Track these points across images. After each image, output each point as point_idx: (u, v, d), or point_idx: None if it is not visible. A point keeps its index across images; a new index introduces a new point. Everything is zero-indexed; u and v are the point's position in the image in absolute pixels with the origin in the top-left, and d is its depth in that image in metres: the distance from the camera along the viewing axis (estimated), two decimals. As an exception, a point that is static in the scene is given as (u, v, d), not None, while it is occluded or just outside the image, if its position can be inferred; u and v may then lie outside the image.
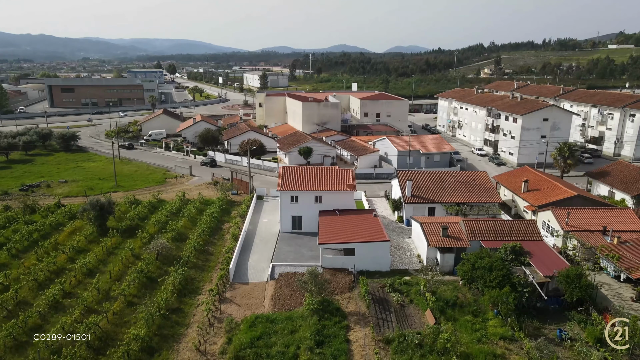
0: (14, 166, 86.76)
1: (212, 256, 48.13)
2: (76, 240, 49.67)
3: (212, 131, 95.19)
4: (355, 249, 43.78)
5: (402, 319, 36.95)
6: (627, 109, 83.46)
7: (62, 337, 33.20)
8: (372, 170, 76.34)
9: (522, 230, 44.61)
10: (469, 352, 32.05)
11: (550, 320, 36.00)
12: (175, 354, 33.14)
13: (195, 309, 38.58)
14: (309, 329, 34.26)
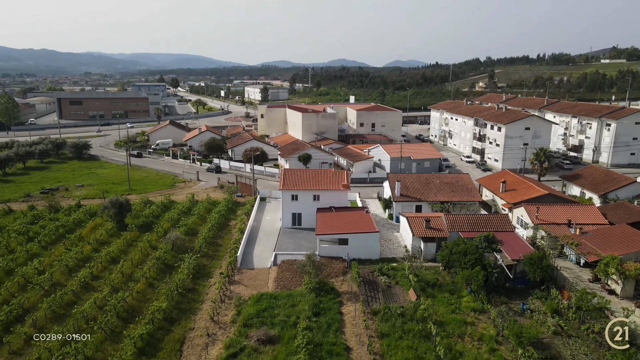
0: (32, 172, 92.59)
1: (221, 247, 53.79)
2: (99, 234, 55.40)
3: (217, 140, 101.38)
4: (348, 239, 49.47)
5: (388, 296, 42.48)
6: (603, 119, 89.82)
7: (96, 310, 38.87)
8: (366, 175, 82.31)
9: (496, 222, 50.39)
10: (443, 320, 37.58)
11: (516, 297, 41.59)
12: (193, 322, 38.66)
13: (208, 289, 44.16)
14: (307, 303, 39.75)
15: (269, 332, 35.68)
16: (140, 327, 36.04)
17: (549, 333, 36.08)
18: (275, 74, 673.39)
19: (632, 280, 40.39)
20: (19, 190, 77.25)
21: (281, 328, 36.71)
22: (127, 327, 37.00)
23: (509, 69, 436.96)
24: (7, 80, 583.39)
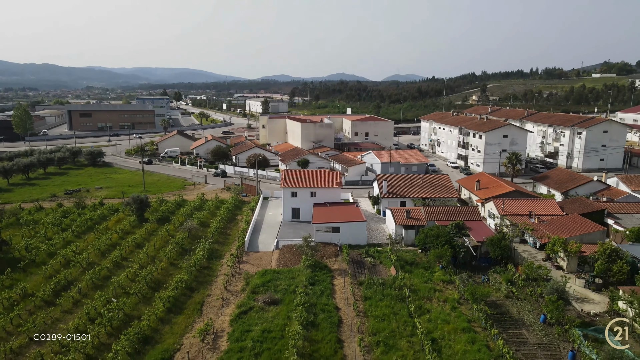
0: (52, 177, 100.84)
1: (230, 236, 61.89)
2: (123, 225, 63.54)
3: (222, 148, 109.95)
4: (340, 227, 57.64)
5: (373, 272, 50.50)
6: (575, 127, 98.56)
7: (128, 281, 46.90)
8: (359, 178, 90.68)
9: (467, 213, 58.65)
10: (416, 287, 45.59)
11: (479, 272, 49.67)
12: (209, 290, 46.65)
13: (221, 267, 52.18)
14: (305, 276, 47.73)
15: (273, 296, 43.68)
16: (167, 292, 44.09)
17: (502, 296, 44.14)
18: (275, 88, 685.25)
19: (575, 257, 48.50)
20: (44, 192, 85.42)
21: (283, 294, 44.66)
22: (155, 294, 44.95)
23: (503, 83, 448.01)
24: (10, 94, 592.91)
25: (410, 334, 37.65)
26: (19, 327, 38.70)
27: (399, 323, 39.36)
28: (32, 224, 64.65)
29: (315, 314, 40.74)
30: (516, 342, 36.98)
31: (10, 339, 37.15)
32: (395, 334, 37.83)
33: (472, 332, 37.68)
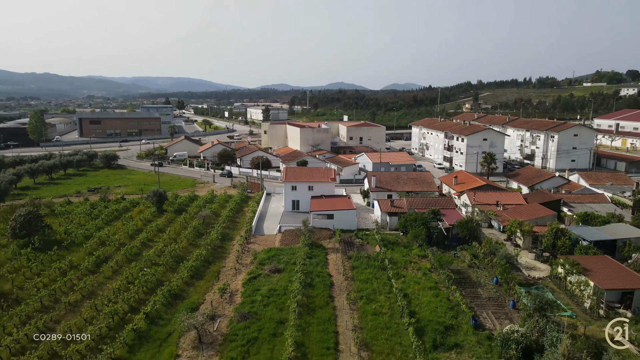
0: (73, 177, 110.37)
1: (239, 223, 71.38)
2: (145, 215, 73.02)
3: (228, 151, 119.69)
4: (334, 214, 67.14)
5: (361, 250, 59.88)
6: (548, 132, 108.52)
7: (155, 256, 56.32)
8: (352, 177, 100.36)
9: (443, 203, 68.29)
10: (396, 260, 55.01)
11: (450, 250, 59.11)
12: (224, 263, 56.05)
13: (232, 246, 61.61)
14: (303, 252, 57.11)
15: (277, 266, 53.12)
16: (189, 262, 53.56)
17: (465, 266, 53.63)
18: (274, 97, 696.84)
19: (528, 235, 58.10)
20: (68, 190, 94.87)
21: (285, 265, 54.07)
22: (180, 265, 54.36)
23: (497, 92, 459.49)
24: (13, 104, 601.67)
25: (388, 292, 47.04)
26: (74, 287, 48.14)
27: (379, 284, 48.79)
28: (66, 214, 74.14)
29: (312, 279, 50.15)
30: (471, 296, 46.44)
31: (68, 295, 46.53)
32: (376, 291, 47.25)
33: (437, 290, 47.13)
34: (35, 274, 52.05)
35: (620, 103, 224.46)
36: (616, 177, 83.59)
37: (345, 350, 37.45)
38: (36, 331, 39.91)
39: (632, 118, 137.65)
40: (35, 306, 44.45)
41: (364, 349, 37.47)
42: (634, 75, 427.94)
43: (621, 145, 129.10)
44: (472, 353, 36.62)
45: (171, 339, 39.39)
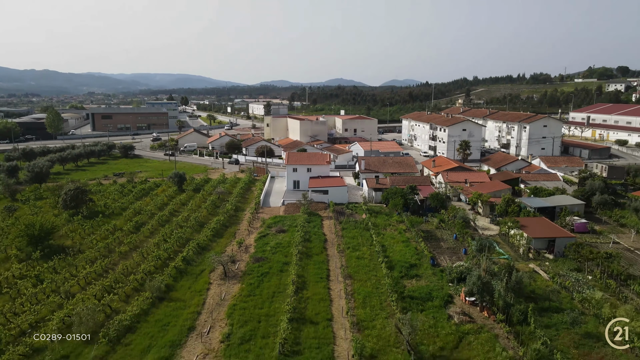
0: (96, 165, 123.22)
1: (248, 199, 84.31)
2: (168, 192, 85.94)
3: (235, 141, 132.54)
4: (328, 190, 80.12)
5: (350, 217, 72.99)
6: (521, 123, 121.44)
7: (183, 221, 69.29)
8: (346, 163, 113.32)
9: (420, 180, 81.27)
10: (378, 224, 68.00)
11: (424, 217, 72.10)
12: (238, 227, 69.01)
13: (244, 215, 74.54)
14: (303, 218, 69.98)
15: (282, 228, 66.11)
16: (211, 224, 66.59)
17: (433, 227, 66.63)
18: (274, 93, 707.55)
19: (487, 205, 71.09)
20: (95, 174, 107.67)
21: (288, 227, 67.04)
22: (203, 227, 67.34)
23: (492, 88, 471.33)
24: (15, 100, 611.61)
25: (370, 245, 59.97)
26: (122, 242, 61.18)
27: (363, 240, 61.78)
28: (100, 192, 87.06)
29: (310, 236, 63.17)
30: (435, 247, 59.46)
31: (118, 248, 59.53)
32: (360, 244, 60.22)
33: (408, 243, 60.14)
34: (87, 234, 65.04)
35: (602, 98, 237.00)
36: (571, 160, 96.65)
37: (334, 279, 50.49)
38: (101, 270, 53.00)
39: (601, 111, 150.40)
40: (94, 255, 57.38)
41: (348, 278, 50.48)
42: (624, 71, 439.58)
43: (591, 135, 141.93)
44: (428, 280, 49.61)
45: (203, 274, 52.38)
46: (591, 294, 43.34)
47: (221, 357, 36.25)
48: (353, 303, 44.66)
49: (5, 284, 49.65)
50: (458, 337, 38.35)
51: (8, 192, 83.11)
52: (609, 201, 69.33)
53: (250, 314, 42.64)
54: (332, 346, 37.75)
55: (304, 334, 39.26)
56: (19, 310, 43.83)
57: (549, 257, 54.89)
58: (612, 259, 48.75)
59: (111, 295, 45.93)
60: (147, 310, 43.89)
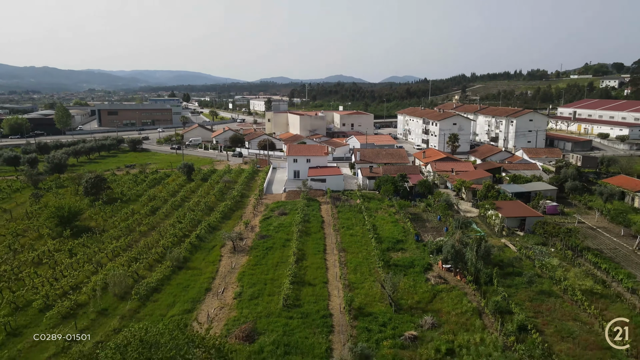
0: (107, 158, 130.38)
1: (252, 187, 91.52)
2: (178, 181, 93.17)
3: (238, 135, 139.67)
4: (326, 179, 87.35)
5: (345, 202, 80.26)
6: (509, 117, 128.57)
7: (193, 206, 76.56)
8: (343, 155, 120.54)
9: (410, 169, 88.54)
10: (370, 207, 75.26)
11: (413, 203, 79.37)
12: (244, 210, 76.30)
13: (249, 201, 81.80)
14: (302, 203, 77.17)
15: (284, 211, 73.37)
16: (220, 208, 73.85)
17: (420, 210, 73.89)
18: (274, 90, 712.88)
19: (469, 191, 78.34)
20: (108, 166, 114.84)
21: (289, 211, 74.28)
22: (213, 210, 74.59)
23: (489, 84, 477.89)
24: (16, 97, 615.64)
25: (362, 225, 67.15)
26: (141, 223, 68.48)
27: (357, 221, 69.01)
28: (116, 181, 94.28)
29: (309, 218, 70.40)
30: (420, 227, 66.68)
31: (138, 228, 66.80)
32: (354, 224, 67.42)
33: (396, 223, 67.39)
34: (109, 217, 72.29)
35: (593, 94, 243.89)
36: (551, 151, 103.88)
37: (330, 252, 57.79)
38: (125, 245, 60.32)
39: (587, 107, 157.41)
40: (118, 234, 64.61)
41: (342, 251, 57.73)
42: (619, 68, 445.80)
43: (577, 129, 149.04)
44: (412, 253, 56.86)
45: (215, 249, 59.64)
46: (549, 261, 50.64)
47: (234, 309, 43.58)
48: (346, 270, 51.94)
49: (44, 256, 56.95)
50: (433, 294, 45.68)
51: (31, 181, 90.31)
52: (580, 187, 76.60)
53: (257, 278, 49.97)
54: (327, 301, 45.06)
55: (303, 293, 46.57)
56: (59, 277, 51.13)
57: (519, 234, 62.21)
58: (571, 233, 56.01)
59: (137, 264, 53.29)
60: (169, 276, 51.23)
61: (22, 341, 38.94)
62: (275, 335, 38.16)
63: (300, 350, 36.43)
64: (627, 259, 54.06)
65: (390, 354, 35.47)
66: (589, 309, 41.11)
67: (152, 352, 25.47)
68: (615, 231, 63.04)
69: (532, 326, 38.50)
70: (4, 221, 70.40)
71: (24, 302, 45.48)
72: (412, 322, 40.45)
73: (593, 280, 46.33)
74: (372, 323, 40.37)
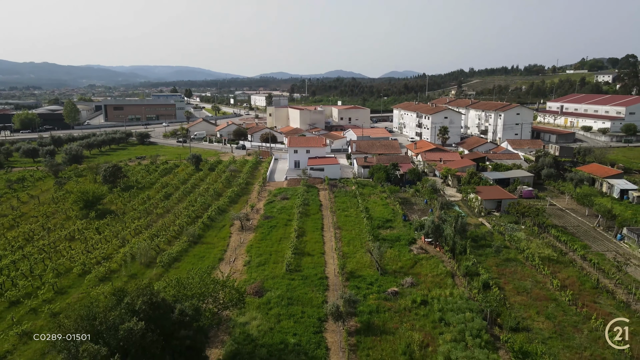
0: (117, 151, 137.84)
1: (256, 176, 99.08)
2: (187, 171, 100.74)
3: (241, 129, 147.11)
4: (324, 168, 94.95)
5: (342, 189, 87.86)
6: (497, 111, 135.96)
7: (202, 193, 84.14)
8: (341, 147, 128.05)
9: (401, 159, 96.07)
10: (364, 193, 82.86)
11: (403, 189, 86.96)
12: (249, 196, 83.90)
13: (254, 188, 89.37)
14: (302, 189, 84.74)
15: (285, 196, 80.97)
16: (227, 193, 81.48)
17: (409, 195, 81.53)
18: (273, 85, 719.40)
19: (455, 178, 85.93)
20: (119, 158, 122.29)
21: (290, 196, 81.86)
22: (221, 195, 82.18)
23: (487, 79, 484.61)
24: (17, 93, 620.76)
25: (356, 207, 74.74)
26: (157, 206, 76.11)
27: (351, 204, 76.63)
28: (129, 171, 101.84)
29: (308, 202, 78.01)
30: (408, 209, 74.27)
31: (155, 210, 74.41)
32: (348, 207, 75.04)
33: (387, 205, 75.01)
34: (127, 201, 79.89)
35: (585, 89, 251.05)
36: (534, 143, 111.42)
37: (327, 230, 65.42)
38: (145, 224, 67.95)
39: (574, 101, 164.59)
40: (137, 215, 72.23)
41: (338, 229, 65.35)
42: (614, 63, 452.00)
43: (563, 123, 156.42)
44: (399, 230, 64.44)
45: (225, 227, 67.25)
46: (516, 235, 58.30)
47: (245, 273, 51.27)
48: (340, 244, 59.57)
49: (75, 233, 64.62)
50: (414, 261, 53.35)
51: (52, 171, 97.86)
52: (554, 174, 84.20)
53: (263, 250, 57.64)
54: (324, 267, 52.72)
55: (304, 261, 54.22)
56: (91, 250, 58.80)
57: (496, 214, 69.84)
58: (538, 213, 63.65)
59: (158, 239, 60.97)
60: (186, 249, 58.89)
61: (68, 298, 46.63)
62: (280, 291, 45.86)
63: (301, 302, 44.12)
64: (586, 234, 61.76)
65: (375, 304, 43.19)
66: (544, 271, 48.84)
67: (187, 290, 33.15)
68: (581, 212, 70.70)
69: (494, 284, 46.23)
70: (33, 205, 78.11)
71: (64, 269, 53.16)
72: (395, 282, 48.10)
73: (552, 250, 54.03)
74: (361, 283, 48.03)
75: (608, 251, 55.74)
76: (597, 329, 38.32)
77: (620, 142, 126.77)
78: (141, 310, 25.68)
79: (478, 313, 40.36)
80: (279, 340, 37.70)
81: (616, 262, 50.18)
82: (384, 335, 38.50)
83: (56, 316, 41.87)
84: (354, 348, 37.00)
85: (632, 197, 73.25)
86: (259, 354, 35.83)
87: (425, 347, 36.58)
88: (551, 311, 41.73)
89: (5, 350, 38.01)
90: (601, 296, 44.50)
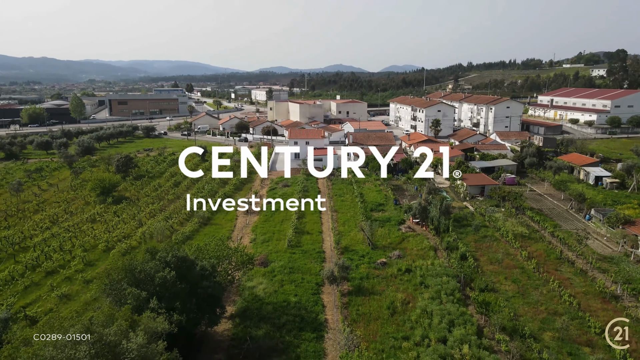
0: (124, 143, 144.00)
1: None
2: (194, 161, 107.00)
3: (243, 122, 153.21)
4: (322, 158, 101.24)
5: (338, 177, 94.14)
6: (488, 105, 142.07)
7: (209, 180, 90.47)
8: (339, 139, 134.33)
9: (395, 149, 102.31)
10: (360, 180, 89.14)
11: (396, 177, 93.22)
12: (253, 183, 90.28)
13: (257, 177, 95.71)
14: (302, 178, 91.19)
15: (286, 183, 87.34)
16: (232, 181, 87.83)
17: (402, 183, 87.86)
18: (273, 80, 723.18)
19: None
20: (128, 150, 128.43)
21: (291, 183, 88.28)
22: (225, 185, 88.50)
23: (485, 73, 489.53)
24: (18, 88, 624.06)
25: (351, 193, 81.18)
26: (168, 194, 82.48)
27: (347, 190, 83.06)
28: (139, 162, 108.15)
29: (307, 189, 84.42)
30: (400, 195, 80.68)
31: (166, 196, 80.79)
32: (344, 193, 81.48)
33: (380, 191, 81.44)
34: (139, 189, 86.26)
35: (577, 83, 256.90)
36: (521, 134, 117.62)
37: (324, 213, 71.85)
38: (158, 208, 74.35)
39: (564, 95, 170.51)
40: (150, 201, 78.59)
41: (334, 212, 71.78)
42: (610, 57, 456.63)
43: (553, 116, 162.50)
44: (390, 212, 70.86)
45: (231, 212, 73.71)
46: (494, 215, 64.73)
47: (251, 249, 57.72)
48: (336, 224, 66.04)
49: (95, 216, 71.06)
50: (402, 238, 59.82)
51: (66, 161, 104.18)
52: (536, 163, 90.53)
53: (267, 230, 64.15)
54: (321, 243, 59.21)
55: (303, 239, 60.71)
56: (112, 230, 65.24)
57: (479, 199, 76.26)
58: (517, 196, 70.04)
59: (171, 220, 67.41)
60: (197, 229, 65.42)
61: (97, 269, 53.11)
62: (283, 262, 52.38)
63: (301, 270, 50.63)
64: (559, 215, 68.22)
65: (365, 271, 49.69)
66: (515, 245, 55.34)
67: (205, 253, 39.62)
68: (558, 197, 77.11)
69: (471, 256, 52.70)
70: (53, 192, 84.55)
71: (89, 246, 59.64)
72: (384, 255, 54.57)
73: (525, 228, 60.50)
74: (354, 256, 54.52)
75: (576, 230, 62.20)
76: (554, 290, 44.87)
77: (605, 133, 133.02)
78: (172, 262, 32.09)
79: (453, 277, 46.88)
80: (282, 299, 44.24)
81: (577, 237, 56.61)
82: (372, 295, 45.03)
83: (89, 283, 48.53)
84: (346, 305, 43.53)
85: (605, 183, 79.64)
86: (265, 309, 42.38)
87: (406, 304, 43.10)
88: (517, 277, 48.26)
89: (48, 308, 44.54)
90: (563, 265, 51.01)
